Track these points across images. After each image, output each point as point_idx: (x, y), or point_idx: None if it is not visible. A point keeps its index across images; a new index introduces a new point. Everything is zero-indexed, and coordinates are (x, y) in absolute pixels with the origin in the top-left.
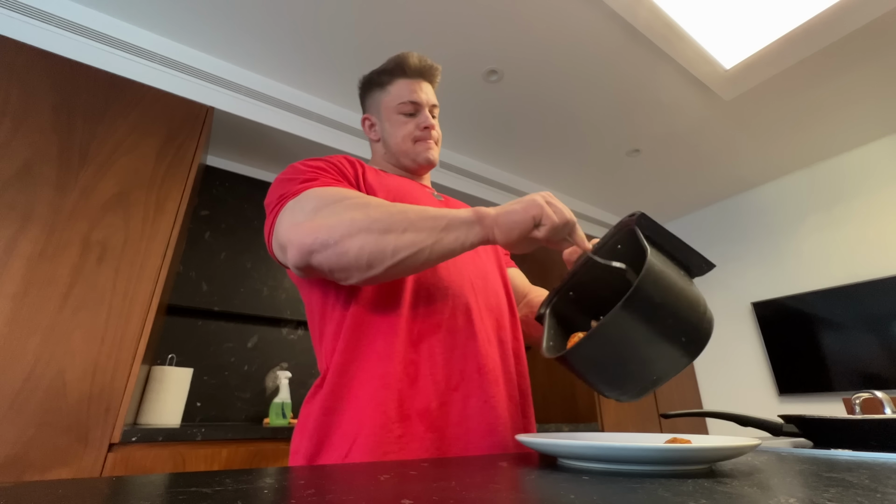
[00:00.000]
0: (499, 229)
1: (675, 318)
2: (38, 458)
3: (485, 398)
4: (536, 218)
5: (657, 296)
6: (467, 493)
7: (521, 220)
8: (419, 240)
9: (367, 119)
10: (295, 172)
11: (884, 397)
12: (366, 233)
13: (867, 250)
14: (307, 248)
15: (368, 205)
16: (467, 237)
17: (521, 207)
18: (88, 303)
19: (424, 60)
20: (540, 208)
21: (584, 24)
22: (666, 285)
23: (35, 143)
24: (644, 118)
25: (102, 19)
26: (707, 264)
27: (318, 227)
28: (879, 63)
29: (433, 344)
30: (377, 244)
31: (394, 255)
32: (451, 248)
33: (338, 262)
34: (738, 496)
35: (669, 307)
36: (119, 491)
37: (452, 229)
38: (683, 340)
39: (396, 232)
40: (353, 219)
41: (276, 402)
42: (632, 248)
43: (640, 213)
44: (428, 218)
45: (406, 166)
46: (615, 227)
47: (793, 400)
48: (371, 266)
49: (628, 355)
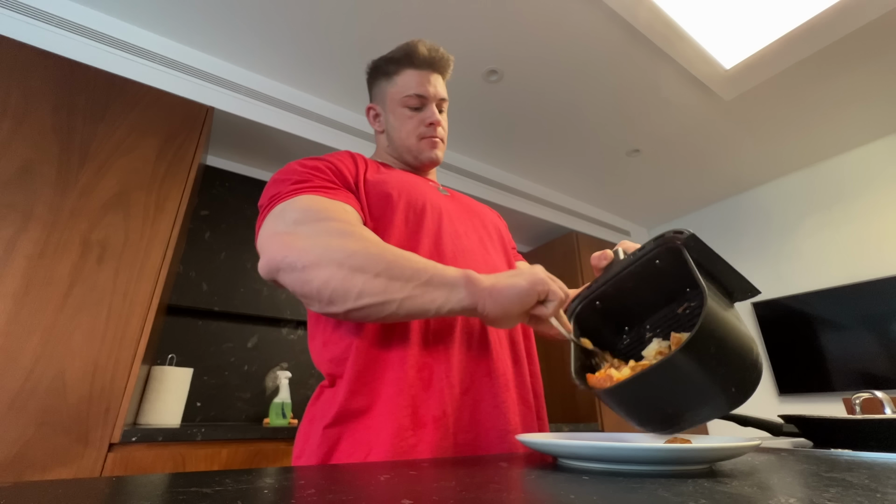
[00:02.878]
0: (493, 301)
1: (729, 367)
2: (38, 458)
3: (495, 403)
4: (542, 294)
5: (713, 346)
6: (467, 493)
7: (525, 296)
8: (389, 289)
9: (372, 108)
10: (289, 173)
11: (884, 397)
12: (336, 266)
13: (867, 250)
14: (275, 264)
15: (350, 234)
16: (447, 301)
17: (526, 283)
18: (88, 303)
19: (435, 50)
20: (545, 284)
21: (584, 24)
22: (723, 333)
23: (35, 143)
24: (644, 118)
25: (102, 19)
26: (751, 290)
27: (291, 245)
28: (879, 63)
29: (447, 347)
30: (343, 282)
31: (357, 298)
32: (424, 309)
33: (301, 288)
34: (738, 496)
35: (723, 357)
36: (119, 491)
37: (432, 288)
38: (733, 391)
39: (368, 274)
40: (328, 247)
41: (276, 402)
42: (671, 264)
43: (688, 232)
44: (408, 268)
45: (408, 162)
46: (655, 240)
47: (793, 400)
48: (332, 302)
49: (670, 400)
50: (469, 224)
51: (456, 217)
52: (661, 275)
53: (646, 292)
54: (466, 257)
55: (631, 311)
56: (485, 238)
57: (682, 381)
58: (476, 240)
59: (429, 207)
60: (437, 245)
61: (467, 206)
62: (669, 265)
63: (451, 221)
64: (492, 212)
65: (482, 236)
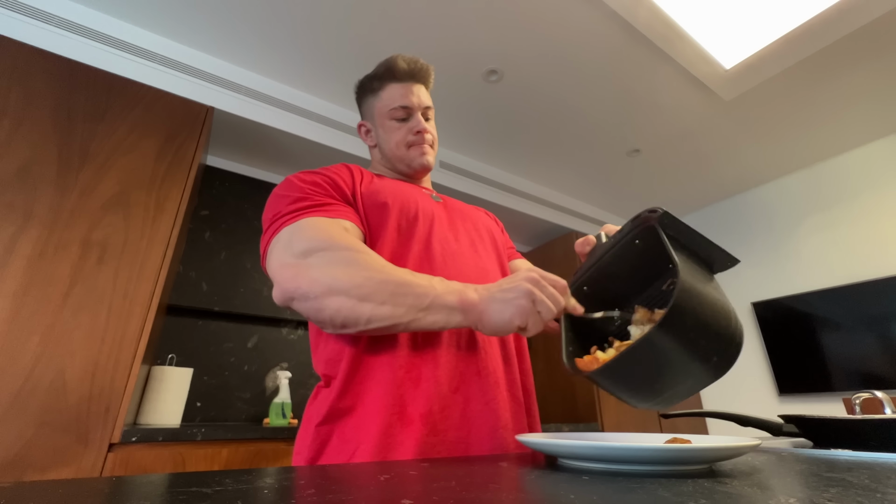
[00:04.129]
0: (482, 325)
1: (708, 339)
2: (38, 458)
3: (485, 400)
4: (521, 326)
5: (689, 319)
6: (467, 493)
7: (504, 326)
8: (396, 314)
9: (363, 125)
10: (288, 188)
11: (884, 397)
12: (345, 296)
13: (867, 250)
14: (289, 294)
15: (355, 263)
16: (447, 322)
17: (508, 314)
18: (88, 303)
19: (414, 62)
20: (524, 316)
21: (584, 24)
22: (698, 305)
23: (35, 143)
24: (644, 118)
25: (102, 19)
26: (730, 260)
27: (302, 277)
28: (879, 63)
29: (436, 346)
30: (353, 310)
31: (367, 323)
32: (428, 328)
33: (315, 315)
34: (738, 496)
35: (701, 329)
36: (119, 491)
37: (433, 311)
38: (715, 360)
39: (375, 302)
40: (336, 277)
41: (276, 402)
42: (651, 243)
43: (661, 210)
44: (410, 294)
45: (402, 171)
46: (632, 221)
47: (793, 400)
48: (345, 326)
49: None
50: (461, 228)
51: (447, 222)
52: (642, 254)
53: (630, 272)
54: (456, 261)
55: (618, 293)
56: (476, 241)
57: (663, 355)
58: (467, 244)
59: (421, 214)
60: (426, 250)
61: (460, 212)
62: (649, 244)
63: (441, 227)
64: (486, 214)
65: (473, 240)
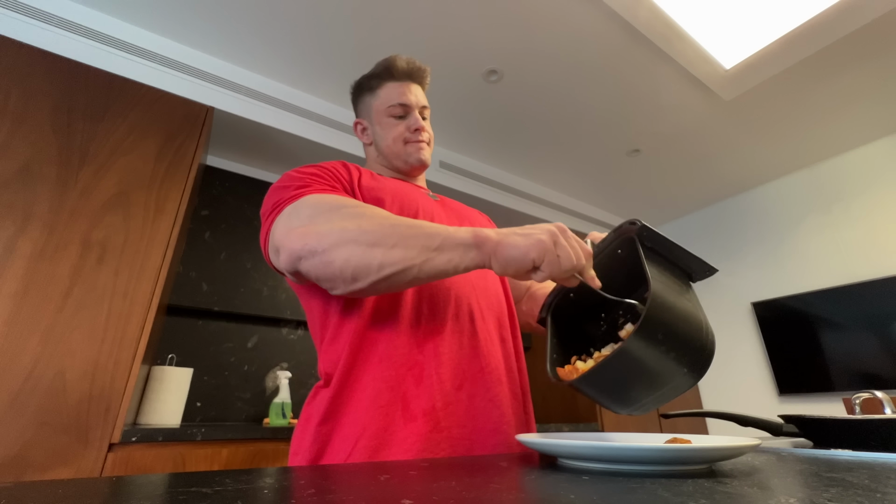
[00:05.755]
0: (496, 259)
1: (678, 352)
2: (38, 458)
3: (489, 397)
4: (536, 261)
5: (660, 332)
6: (467, 493)
7: (519, 259)
8: (408, 257)
9: (360, 123)
10: (289, 180)
11: (884, 397)
12: (353, 244)
13: (867, 250)
14: (296, 253)
15: (363, 215)
16: (462, 260)
17: (524, 246)
18: (88, 303)
19: (412, 63)
20: (542, 252)
21: (584, 24)
22: (669, 318)
23: (35, 143)
24: (644, 118)
25: (102, 19)
26: (709, 269)
27: (309, 233)
28: (879, 63)
29: (438, 344)
30: (363, 257)
31: (379, 270)
32: (443, 270)
33: (323, 270)
34: (738, 496)
35: (672, 342)
36: (119, 491)
37: (446, 250)
38: (685, 371)
39: (385, 246)
40: (344, 228)
41: (276, 402)
42: (631, 253)
43: (640, 224)
44: (421, 235)
45: (398, 168)
46: (615, 231)
47: (793, 400)
48: (356, 279)
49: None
50: None
51: (446, 222)
52: (624, 262)
53: (614, 279)
54: None
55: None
56: None
57: (636, 366)
58: None
59: (420, 213)
60: None
61: (457, 212)
62: (630, 253)
63: None
64: (481, 215)
65: None
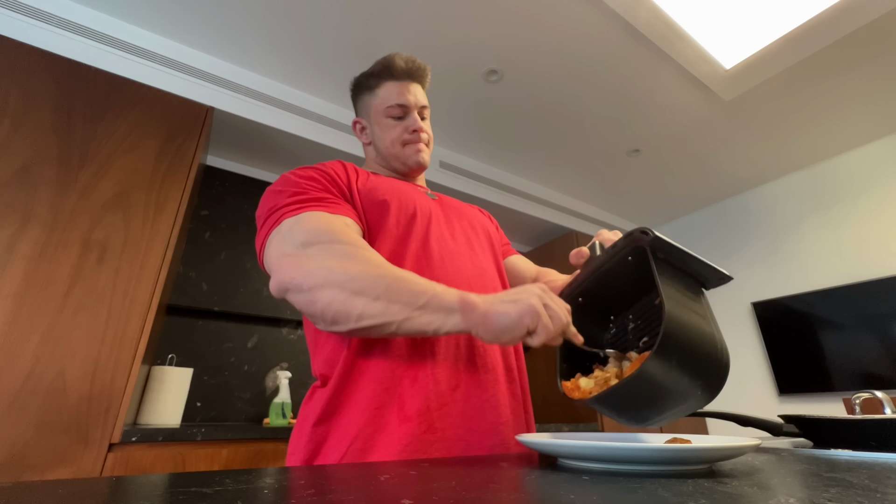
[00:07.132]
0: (484, 328)
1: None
2: (38, 458)
3: (486, 397)
4: (531, 327)
5: (675, 357)
6: (467, 493)
7: (513, 327)
8: (389, 312)
9: (358, 122)
10: (285, 184)
11: (884, 397)
12: (338, 289)
13: (867, 250)
14: (284, 285)
15: (353, 257)
16: (443, 324)
17: (515, 313)
18: (88, 303)
19: (412, 61)
20: (536, 316)
21: (584, 24)
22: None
23: (35, 143)
24: (644, 118)
25: (102, 19)
26: (723, 277)
27: (298, 268)
28: (879, 63)
29: (434, 344)
30: (344, 304)
31: (358, 319)
32: (422, 331)
33: (307, 308)
34: (738, 496)
35: (687, 365)
36: (119, 491)
37: (429, 311)
38: (699, 393)
39: (368, 297)
40: (331, 269)
41: (276, 402)
42: (642, 261)
43: (652, 234)
44: (406, 291)
45: (397, 169)
46: (625, 238)
47: (793, 400)
48: (335, 322)
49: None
50: (457, 226)
51: (444, 220)
52: (635, 269)
53: (624, 285)
54: (453, 259)
55: (613, 303)
56: (472, 239)
57: (650, 390)
58: (464, 242)
59: (418, 212)
60: (424, 248)
61: (456, 209)
62: (641, 261)
63: (438, 225)
64: (480, 212)
65: (470, 237)
